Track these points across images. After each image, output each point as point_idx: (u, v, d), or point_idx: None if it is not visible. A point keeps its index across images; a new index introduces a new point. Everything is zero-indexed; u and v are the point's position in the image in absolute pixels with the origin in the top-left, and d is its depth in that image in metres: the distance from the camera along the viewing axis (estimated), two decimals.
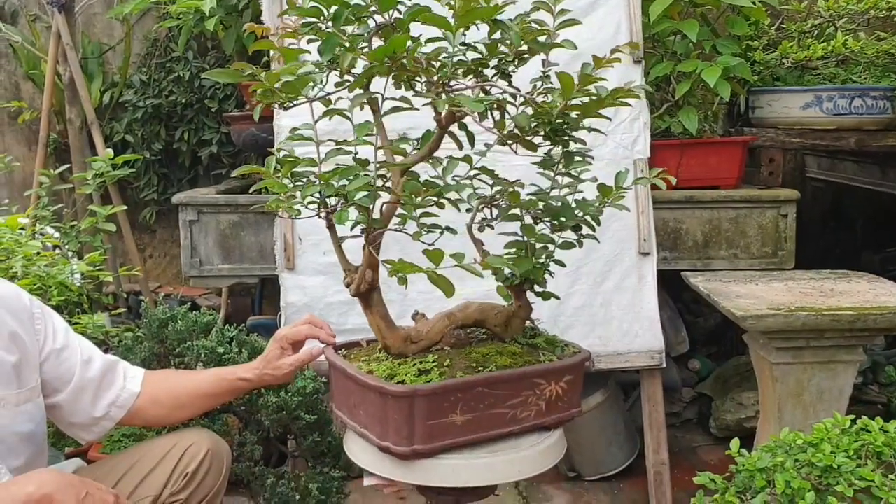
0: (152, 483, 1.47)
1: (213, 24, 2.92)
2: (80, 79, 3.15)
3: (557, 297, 1.52)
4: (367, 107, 1.34)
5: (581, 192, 1.52)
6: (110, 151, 2.80)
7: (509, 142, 1.35)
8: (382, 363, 1.44)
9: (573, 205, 1.48)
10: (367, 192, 1.31)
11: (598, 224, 1.51)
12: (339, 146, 1.36)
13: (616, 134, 2.40)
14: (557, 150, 1.46)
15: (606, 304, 2.41)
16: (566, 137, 1.42)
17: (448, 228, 1.37)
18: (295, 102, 1.31)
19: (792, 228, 2.59)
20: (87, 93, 3.18)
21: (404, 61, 1.22)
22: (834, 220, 3.81)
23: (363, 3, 1.24)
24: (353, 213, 1.35)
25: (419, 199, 1.29)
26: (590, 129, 1.52)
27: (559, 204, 1.48)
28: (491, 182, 1.48)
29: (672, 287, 2.81)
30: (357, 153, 1.38)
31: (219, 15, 2.93)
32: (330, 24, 1.25)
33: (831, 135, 2.71)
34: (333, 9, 1.24)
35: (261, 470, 1.98)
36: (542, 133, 1.36)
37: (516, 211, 1.48)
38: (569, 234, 1.51)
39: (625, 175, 1.47)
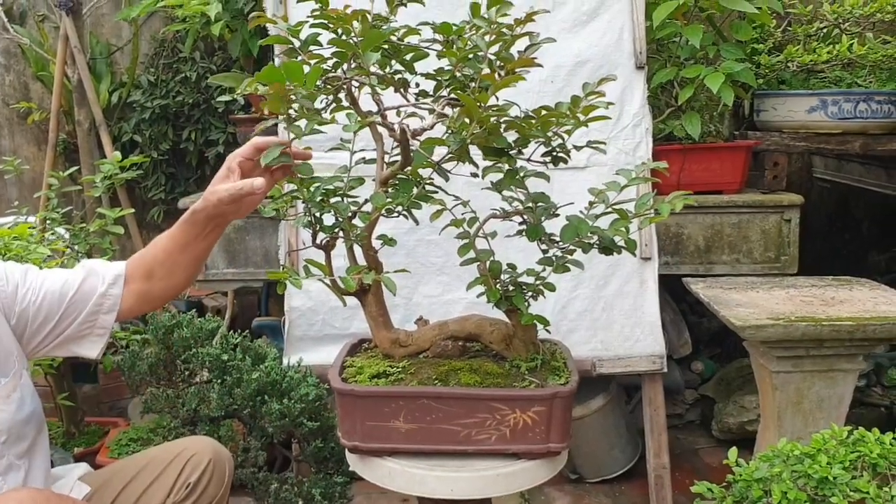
0: (155, 493, 1.49)
1: (218, 29, 2.94)
2: (88, 82, 3.18)
3: (546, 322, 1.48)
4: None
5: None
6: (118, 154, 2.82)
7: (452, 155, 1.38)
8: (375, 361, 1.50)
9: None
10: (320, 200, 1.39)
11: (635, 246, 1.50)
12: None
13: (618, 140, 2.41)
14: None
15: (608, 309, 2.42)
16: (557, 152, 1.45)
17: (390, 239, 1.48)
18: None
19: (795, 233, 2.58)
20: (95, 95, 3.21)
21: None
22: (841, 220, 3.80)
23: None
24: (328, 219, 1.45)
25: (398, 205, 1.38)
26: (589, 144, 1.54)
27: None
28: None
29: (675, 289, 2.82)
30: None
31: (224, 19, 2.95)
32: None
33: (836, 139, 2.70)
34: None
35: (265, 475, 2.02)
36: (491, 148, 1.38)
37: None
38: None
39: (648, 198, 1.44)
